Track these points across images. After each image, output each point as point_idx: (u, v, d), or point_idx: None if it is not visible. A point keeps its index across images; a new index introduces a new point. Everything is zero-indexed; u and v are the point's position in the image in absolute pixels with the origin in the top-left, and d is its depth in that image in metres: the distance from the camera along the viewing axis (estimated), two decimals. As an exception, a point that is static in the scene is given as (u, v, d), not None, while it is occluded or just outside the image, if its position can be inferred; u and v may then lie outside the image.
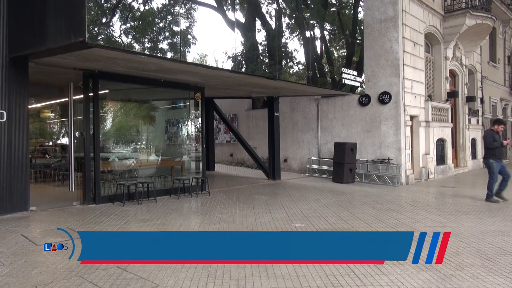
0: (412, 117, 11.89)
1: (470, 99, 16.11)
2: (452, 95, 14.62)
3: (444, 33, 14.27)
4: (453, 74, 15.60)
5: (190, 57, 6.55)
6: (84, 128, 7.25)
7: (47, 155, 11.66)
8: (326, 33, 10.18)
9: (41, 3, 5.67)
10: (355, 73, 10.72)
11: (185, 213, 6.74)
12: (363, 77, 11.24)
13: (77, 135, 7.48)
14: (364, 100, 11.94)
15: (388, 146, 11.43)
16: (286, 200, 8.12)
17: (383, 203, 7.90)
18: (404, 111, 11.42)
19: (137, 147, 10.31)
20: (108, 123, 10.07)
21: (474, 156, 16.54)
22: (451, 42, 14.44)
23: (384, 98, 11.49)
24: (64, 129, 11.90)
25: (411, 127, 12.00)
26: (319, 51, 10.02)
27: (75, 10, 4.97)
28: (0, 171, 6.08)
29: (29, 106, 6.82)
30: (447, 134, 13.83)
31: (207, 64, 6.92)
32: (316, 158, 13.08)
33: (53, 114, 12.54)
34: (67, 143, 7.96)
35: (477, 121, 17.17)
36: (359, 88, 11.15)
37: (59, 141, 12.38)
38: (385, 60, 11.57)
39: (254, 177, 12.25)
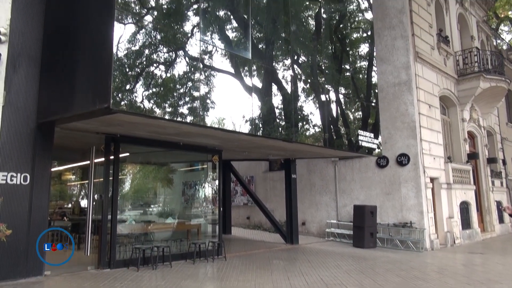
0: (432, 179, 11.65)
1: (491, 160, 15.81)
2: (472, 156, 14.39)
3: (459, 96, 14.41)
4: (471, 136, 15.49)
5: (209, 121, 6.73)
6: (103, 191, 7.33)
7: (65, 218, 11.70)
8: (341, 96, 10.41)
9: (70, 71, 6.03)
10: (372, 135, 10.76)
11: (201, 279, 6.51)
12: (379, 139, 11.25)
13: (96, 198, 7.55)
14: (382, 162, 11.85)
15: (409, 209, 11.10)
16: (305, 266, 7.80)
17: (407, 270, 7.49)
18: (424, 173, 11.22)
19: (154, 209, 10.28)
20: (127, 186, 10.17)
21: (501, 220, 15.83)
22: (467, 104, 14.52)
23: (403, 160, 11.38)
24: (83, 191, 12.05)
25: (432, 189, 11.71)
26: (335, 114, 10.18)
27: (101, 78, 5.26)
28: (19, 234, 6.08)
29: (52, 169, 6.99)
30: (470, 197, 13.40)
31: (225, 127, 7.07)
32: (335, 221, 12.74)
33: (73, 177, 12.79)
34: (86, 206, 8.01)
35: (501, 183, 16.68)
36: (377, 150, 11.12)
37: (78, 204, 12.48)
38: (401, 122, 11.64)
39: (271, 241, 11.92)
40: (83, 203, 11.68)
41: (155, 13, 6.06)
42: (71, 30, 6.20)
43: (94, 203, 7.47)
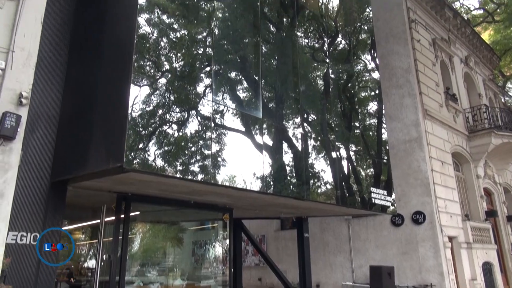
0: (451, 238, 11.23)
1: (511, 218, 15.29)
2: (491, 214, 13.96)
3: (471, 152, 14.31)
4: (488, 193, 15.14)
5: (220, 178, 6.74)
6: (112, 251, 7.19)
7: (72, 279, 11.41)
8: (352, 153, 10.41)
9: (86, 131, 6.20)
10: (385, 192, 10.59)
11: None
12: (393, 196, 11.05)
13: (104, 258, 7.40)
14: (397, 220, 11.54)
15: (429, 271, 10.59)
16: (320, 332, 7.33)
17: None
18: (441, 231, 10.85)
19: (163, 270, 9.99)
20: (136, 245, 10.00)
21: (528, 282, 14.94)
22: (480, 160, 14.38)
23: (418, 218, 11.08)
24: (92, 251, 11.85)
25: (452, 249, 11.24)
26: (346, 171, 10.12)
27: (116, 138, 5.39)
28: (23, 296, 5.91)
29: (62, 228, 6.94)
30: (493, 257, 12.79)
31: (236, 185, 7.05)
32: (351, 283, 12.16)
33: (83, 236, 12.65)
34: (93, 266, 7.83)
35: (524, 242, 15.95)
36: (391, 207, 10.87)
37: (86, 264, 12.22)
38: (414, 179, 11.49)
39: (284, 305, 11.33)
40: (91, 263, 11.43)
41: (169, 75, 6.33)
42: (89, 91, 6.47)
43: (102, 263, 7.31)
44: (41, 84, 6.53)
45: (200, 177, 6.39)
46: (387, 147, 11.67)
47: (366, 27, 12.59)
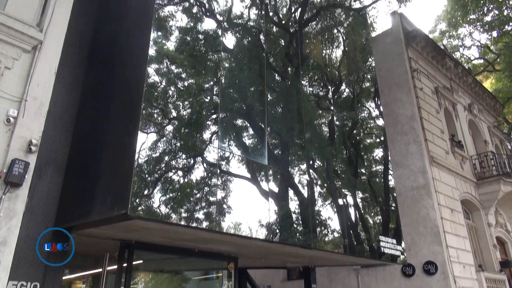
0: (465, 290, 10.77)
1: (527, 269, 14.70)
2: (506, 264, 13.46)
3: (481, 200, 14.07)
4: (501, 242, 14.69)
5: (225, 226, 6.63)
6: (113, 302, 6.96)
7: (69, 332, 10.94)
8: (359, 200, 10.27)
9: (92, 177, 6.23)
10: (394, 241, 10.31)
11: None
12: (403, 245, 10.75)
13: (104, 309, 7.14)
14: (407, 271, 11.14)
15: (443, 325, 10.06)
16: None
17: None
18: (455, 283, 10.42)
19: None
20: (137, 296, 9.67)
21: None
22: (491, 208, 14.10)
23: (430, 268, 10.70)
24: (92, 302, 11.44)
25: (466, 301, 10.75)
26: (353, 219, 9.94)
27: (121, 185, 5.39)
28: None
29: (63, 278, 6.77)
30: (510, 311, 12.18)
31: (241, 233, 6.93)
32: None
33: (83, 285, 12.29)
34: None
35: (542, 294, 15.21)
36: (401, 257, 10.54)
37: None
38: (423, 227, 11.23)
39: None
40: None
41: (176, 122, 6.45)
42: (97, 137, 6.58)
43: (101, 315, 7.04)
44: (50, 131, 6.65)
45: (205, 224, 6.30)
46: (395, 194, 11.52)
47: (369, 76, 12.89)
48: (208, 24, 7.63)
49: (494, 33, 18.68)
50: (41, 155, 6.42)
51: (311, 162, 9.23)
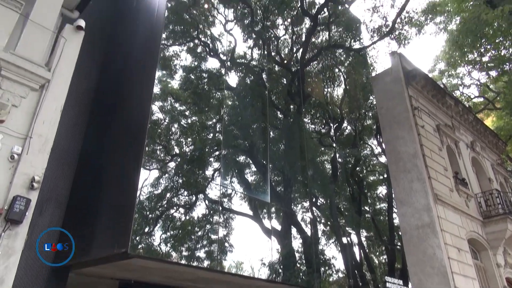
0: (476, 335, 10.32)
1: (540, 312, 14.16)
2: (517, 307, 12.98)
3: (488, 239, 13.77)
4: (511, 283, 14.23)
5: (226, 265, 6.49)
6: None
7: None
8: (363, 239, 10.08)
9: (93, 214, 6.18)
10: (401, 282, 10.01)
11: None
12: (410, 285, 10.42)
13: None
14: (415, 313, 10.73)
15: None
16: None
17: None
18: (465, 327, 10.01)
19: None
20: None
21: None
22: (499, 248, 13.77)
23: (438, 311, 10.32)
24: None
25: None
26: (358, 258, 9.71)
27: (122, 222, 5.34)
28: None
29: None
30: None
31: (243, 272, 6.76)
32: None
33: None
34: None
35: None
36: (408, 299, 10.19)
37: None
38: (430, 267, 10.93)
39: None
40: None
41: (179, 159, 6.47)
42: (99, 174, 6.58)
43: None
44: (53, 168, 6.67)
45: (206, 263, 6.17)
46: (400, 233, 11.31)
47: (370, 114, 13.03)
48: (212, 63, 7.84)
49: (493, 73, 19.03)
50: (42, 191, 6.39)
51: (314, 200, 9.15)
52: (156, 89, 6.36)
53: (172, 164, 6.29)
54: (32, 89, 5.15)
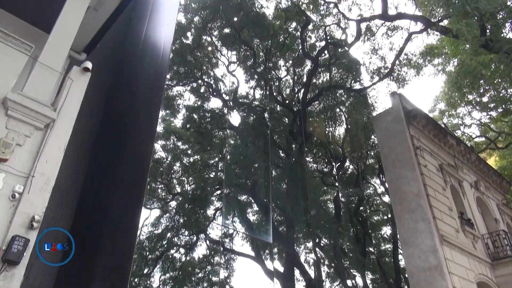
0: None
1: None
2: None
3: (498, 282, 13.32)
4: (524, 330, 13.60)
5: (227, 310, 6.27)
6: None
7: None
8: (368, 281, 9.78)
9: (92, 256, 6.04)
10: (409, 328, 9.59)
11: None
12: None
13: None
14: None
15: None
16: None
17: None
18: None
19: None
20: None
21: None
22: (509, 291, 13.27)
23: None
24: None
25: None
26: (364, 303, 9.37)
27: (121, 263, 5.23)
28: None
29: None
30: None
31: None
32: None
33: None
34: None
35: None
36: None
37: None
38: (439, 312, 10.51)
39: None
40: None
41: (180, 198, 6.43)
42: (99, 213, 6.51)
43: None
44: (54, 207, 6.62)
45: (206, 307, 5.96)
46: (406, 275, 10.98)
47: (372, 153, 13.04)
48: (215, 103, 7.98)
49: (493, 113, 19.20)
50: (41, 231, 6.31)
51: (317, 240, 8.98)
52: (159, 128, 6.43)
53: (173, 203, 6.25)
54: (37, 128, 5.22)
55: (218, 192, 7.07)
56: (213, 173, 7.15)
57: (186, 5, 7.88)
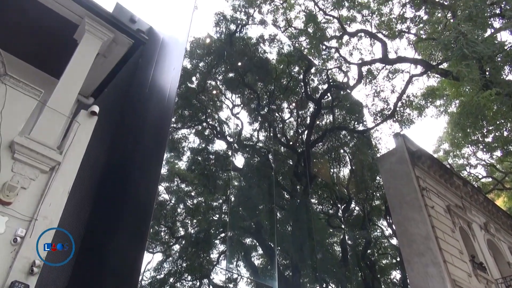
0: None
1: None
2: None
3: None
4: None
5: None
6: None
7: None
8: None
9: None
10: None
11: None
12: None
13: None
14: None
15: None
16: None
17: None
18: None
19: None
20: None
21: None
22: None
23: None
24: None
25: None
26: None
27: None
28: None
29: None
30: None
31: None
32: None
33: None
34: None
35: None
36: None
37: None
38: None
39: None
40: None
41: (183, 241, 6.31)
42: (101, 259, 6.39)
43: None
44: (55, 252, 6.51)
45: None
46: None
47: (378, 194, 12.90)
48: (219, 145, 8.03)
49: (498, 153, 19.13)
50: (42, 277, 6.18)
51: (324, 285, 8.68)
52: (164, 170, 6.44)
53: (176, 247, 6.13)
54: (42, 171, 5.25)
55: (222, 235, 6.95)
56: (217, 215, 7.07)
57: (192, 51, 8.16)
